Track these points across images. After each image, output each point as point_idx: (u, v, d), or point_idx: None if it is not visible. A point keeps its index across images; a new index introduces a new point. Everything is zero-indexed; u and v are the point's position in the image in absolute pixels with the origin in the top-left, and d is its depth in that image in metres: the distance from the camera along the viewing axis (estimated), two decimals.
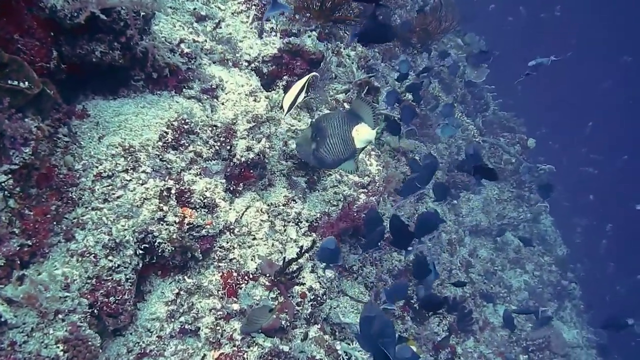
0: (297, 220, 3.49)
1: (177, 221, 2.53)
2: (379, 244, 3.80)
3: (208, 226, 2.67)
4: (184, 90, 3.01)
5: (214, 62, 3.28)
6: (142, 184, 2.50)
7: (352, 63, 5.28)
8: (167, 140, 2.74)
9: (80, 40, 2.53)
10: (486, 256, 10.15)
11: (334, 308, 3.84)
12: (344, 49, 5.34)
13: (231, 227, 2.90)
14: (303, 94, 2.96)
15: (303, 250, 2.97)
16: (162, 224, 2.49)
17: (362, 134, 2.90)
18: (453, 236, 9.12)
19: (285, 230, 3.40)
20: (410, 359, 3.30)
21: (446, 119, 8.06)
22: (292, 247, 3.38)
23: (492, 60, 10.53)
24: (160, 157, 2.66)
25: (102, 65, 2.65)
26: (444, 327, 7.34)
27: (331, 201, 3.76)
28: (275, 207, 3.43)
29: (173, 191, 2.57)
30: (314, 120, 3.33)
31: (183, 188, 2.64)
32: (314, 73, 3.20)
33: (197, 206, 2.69)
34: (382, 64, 8.63)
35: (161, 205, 2.50)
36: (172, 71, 2.96)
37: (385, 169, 4.25)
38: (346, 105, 4.52)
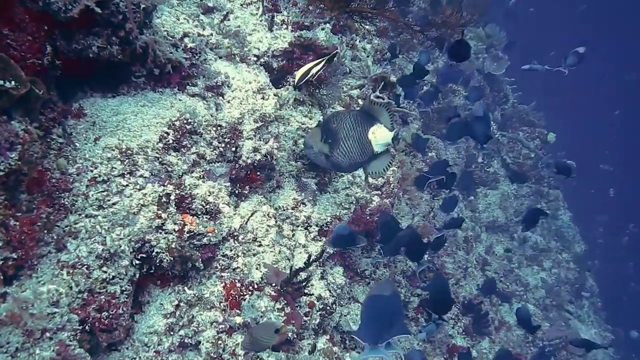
0: (307, 224, 3.33)
1: (176, 229, 2.38)
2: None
3: (210, 234, 2.52)
4: (187, 87, 2.85)
5: (220, 58, 3.11)
6: (139, 190, 2.36)
7: (368, 57, 5.09)
8: (168, 141, 2.59)
9: (77, 34, 2.38)
10: (502, 253, 9.95)
11: (345, 316, 3.68)
12: (360, 41, 5.15)
13: (235, 233, 2.75)
14: (317, 67, 2.86)
15: (311, 259, 2.81)
16: (160, 233, 2.35)
17: (380, 136, 2.73)
18: (469, 233, 8.93)
19: (293, 235, 3.25)
20: None
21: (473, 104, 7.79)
22: (300, 252, 3.23)
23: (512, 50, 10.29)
24: (160, 159, 2.51)
25: (100, 61, 2.49)
26: (459, 330, 7.17)
27: (343, 204, 3.59)
28: (284, 210, 3.27)
29: (173, 197, 2.41)
30: (322, 119, 3.15)
31: (184, 193, 2.49)
32: (337, 50, 3.03)
33: (199, 212, 2.54)
34: (400, 55, 8.42)
35: (159, 212, 2.36)
36: (175, 67, 2.80)
37: (400, 168, 4.07)
38: (360, 102, 4.34)
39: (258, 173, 3.04)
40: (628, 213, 21.91)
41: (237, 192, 2.97)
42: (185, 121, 2.66)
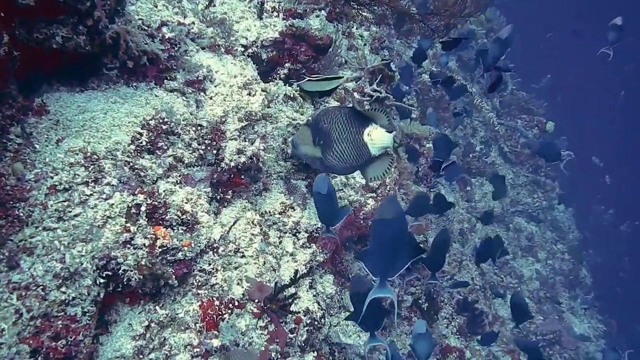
0: (295, 230, 3.10)
1: (147, 244, 2.14)
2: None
3: (186, 248, 2.28)
4: (165, 82, 2.60)
5: (202, 48, 2.85)
6: (105, 200, 2.11)
7: (365, 45, 4.82)
8: (141, 143, 2.34)
9: (38, 23, 2.12)
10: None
11: (334, 326, 3.47)
12: (357, 29, 4.88)
13: (215, 245, 2.51)
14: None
15: (298, 276, 2.58)
16: (128, 248, 2.11)
17: (377, 138, 2.50)
18: (465, 225, 8.77)
19: (280, 243, 3.02)
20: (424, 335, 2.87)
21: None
22: (287, 261, 3.00)
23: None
24: (132, 164, 2.26)
25: (66, 52, 2.23)
26: (453, 329, 7.02)
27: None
28: (270, 215, 3.04)
29: (144, 207, 2.17)
30: (310, 118, 2.92)
31: (157, 202, 2.24)
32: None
33: (174, 223, 2.30)
34: (397, 40, 8.16)
35: (128, 225, 2.11)
36: (152, 60, 2.54)
37: (397, 168, 3.83)
38: (356, 96, 4.08)
39: (242, 177, 2.80)
40: (626, 204, 21.82)
41: (218, 197, 2.73)
42: (161, 120, 2.41)
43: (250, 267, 2.67)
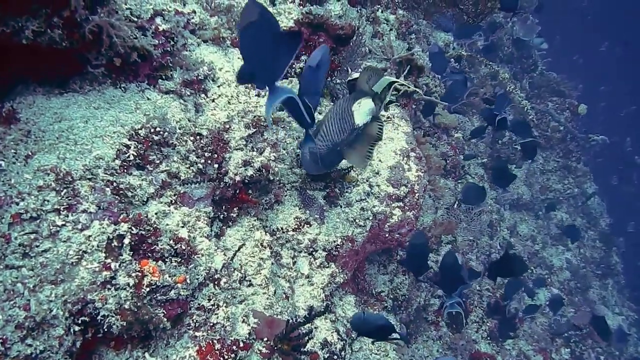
0: (311, 249, 2.75)
1: (131, 283, 1.80)
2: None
3: (180, 285, 1.94)
4: (159, 82, 2.23)
5: (204, 42, 2.48)
6: (80, 231, 1.77)
7: (391, 31, 4.40)
8: (128, 157, 1.99)
9: (4, 14, 1.78)
10: (527, 233, 9.46)
11: (355, 352, 3.11)
12: (382, 12, 4.45)
13: (216, 276, 2.16)
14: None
15: (313, 313, 2.22)
16: (108, 290, 1.77)
17: (364, 106, 2.29)
18: (494, 216, 8.39)
19: (294, 264, 2.67)
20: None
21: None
22: (302, 285, 2.66)
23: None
24: (116, 184, 1.91)
25: (40, 48, 1.90)
26: (483, 334, 6.68)
27: (357, 220, 2.98)
28: (283, 233, 2.69)
29: (127, 239, 1.82)
30: None
31: (145, 230, 1.90)
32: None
33: (166, 255, 1.95)
34: (424, 21, 7.69)
35: (108, 261, 1.77)
36: (144, 56, 2.17)
37: (427, 173, 3.44)
38: None
39: (250, 191, 2.44)
40: None
41: (222, 216, 2.37)
42: (152, 129, 2.06)
43: (259, 299, 2.32)
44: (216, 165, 2.24)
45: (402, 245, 3.26)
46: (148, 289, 1.86)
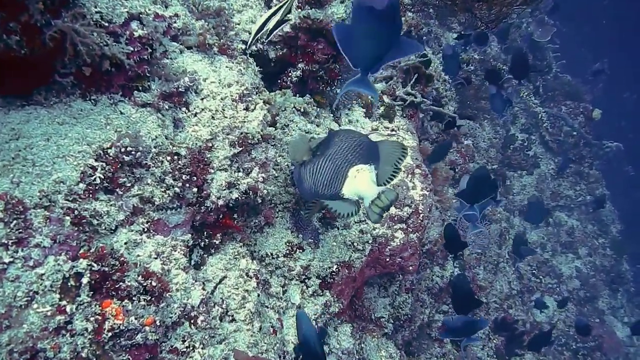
0: (304, 276, 2.53)
1: (90, 328, 1.60)
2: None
3: (148, 328, 1.72)
4: (135, 93, 2.02)
5: (188, 48, 2.26)
6: (32, 268, 1.56)
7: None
8: (95, 180, 1.79)
9: None
10: (536, 240, 9.29)
11: None
12: None
13: (193, 314, 1.94)
14: (277, 17, 2.25)
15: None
16: (62, 336, 1.56)
17: (360, 182, 1.98)
18: (503, 225, 8.19)
19: (285, 293, 2.45)
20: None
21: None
22: (293, 315, 2.43)
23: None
24: (77, 211, 1.70)
25: None
26: (489, 352, 6.48)
27: (355, 244, 2.77)
28: (273, 258, 2.47)
29: (86, 278, 1.60)
30: (332, 130, 2.37)
31: (107, 267, 1.69)
32: None
33: (134, 293, 1.74)
34: (435, 22, 7.46)
35: (63, 303, 1.57)
36: (118, 65, 1.95)
37: (433, 192, 3.21)
38: (386, 99, 3.45)
39: (235, 216, 2.22)
40: None
41: (203, 243, 2.16)
42: (123, 149, 1.84)
43: (242, 336, 2.11)
44: (195, 189, 2.02)
45: (405, 269, 3.05)
46: (110, 334, 1.65)
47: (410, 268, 3.04)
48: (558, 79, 11.25)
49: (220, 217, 2.18)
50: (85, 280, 1.62)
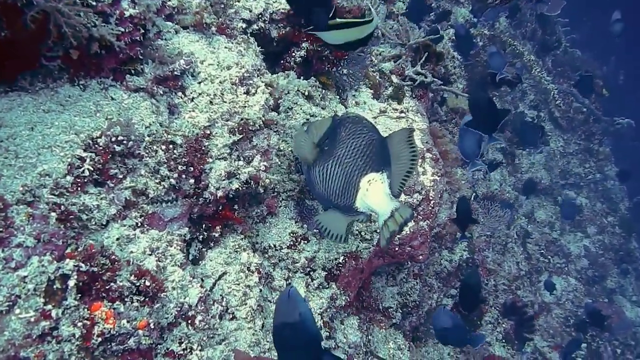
0: (309, 268, 2.41)
1: (77, 334, 1.49)
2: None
3: (141, 331, 1.61)
4: (127, 77, 1.88)
5: (184, 28, 2.11)
6: (13, 270, 1.45)
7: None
8: (83, 172, 1.66)
9: None
10: (544, 219, 9.17)
11: None
12: None
13: (190, 313, 1.83)
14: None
15: None
16: (47, 344, 1.46)
17: (373, 195, 1.88)
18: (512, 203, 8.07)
19: (288, 286, 2.32)
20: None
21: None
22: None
23: None
24: (64, 207, 1.58)
25: None
26: (498, 336, 6.39)
27: (362, 233, 2.65)
28: (276, 250, 2.35)
29: (72, 281, 1.49)
30: (338, 114, 2.23)
31: (97, 267, 1.57)
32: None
33: (126, 293, 1.63)
34: None
35: (48, 307, 1.46)
36: (107, 47, 1.82)
37: (444, 177, 3.08)
38: (394, 79, 3.30)
39: (235, 207, 2.10)
40: None
41: (201, 237, 2.04)
42: (114, 138, 1.72)
43: (243, 334, 2.01)
44: (192, 180, 1.90)
45: (414, 258, 2.93)
46: (100, 339, 1.54)
47: (420, 257, 2.92)
48: (568, 53, 11.02)
49: (220, 208, 2.06)
50: (72, 282, 1.51)
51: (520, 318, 6.44)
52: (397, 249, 2.84)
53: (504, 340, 6.25)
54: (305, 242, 2.44)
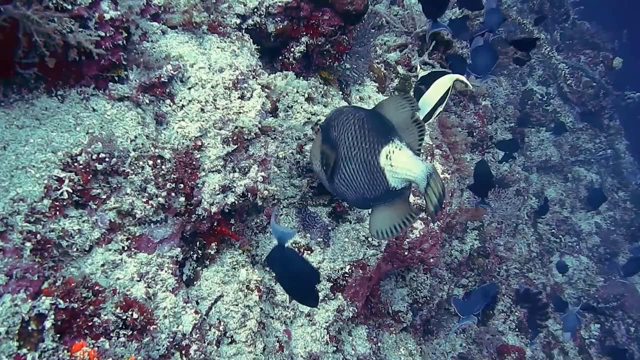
0: None
1: None
2: None
3: None
4: (110, 85, 1.73)
5: (171, 28, 1.95)
6: None
7: None
8: (62, 194, 1.52)
9: None
10: (555, 197, 9.05)
11: None
12: None
13: (184, 342, 1.69)
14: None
15: None
16: None
17: (399, 162, 1.72)
18: (522, 185, 7.94)
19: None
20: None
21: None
22: (302, 325, 2.19)
23: None
24: (40, 235, 1.43)
25: None
26: (511, 325, 6.29)
27: (369, 239, 2.49)
28: None
29: (49, 321, 1.35)
30: (323, 121, 2.08)
31: (77, 302, 1.43)
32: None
33: (112, 328, 1.48)
34: None
35: (23, 351, 1.33)
36: (86, 53, 1.66)
37: (455, 174, 2.92)
38: (400, 70, 3.12)
39: (232, 221, 1.95)
40: None
41: (195, 255, 1.89)
42: (95, 155, 1.57)
43: (243, 359, 1.86)
44: (183, 198, 1.75)
45: (425, 262, 2.79)
46: None
47: (432, 260, 2.78)
48: (576, 26, 10.75)
49: (215, 224, 1.92)
50: (49, 322, 1.37)
51: (534, 305, 6.32)
52: (406, 253, 2.70)
53: (517, 330, 6.15)
54: (309, 252, 2.30)
